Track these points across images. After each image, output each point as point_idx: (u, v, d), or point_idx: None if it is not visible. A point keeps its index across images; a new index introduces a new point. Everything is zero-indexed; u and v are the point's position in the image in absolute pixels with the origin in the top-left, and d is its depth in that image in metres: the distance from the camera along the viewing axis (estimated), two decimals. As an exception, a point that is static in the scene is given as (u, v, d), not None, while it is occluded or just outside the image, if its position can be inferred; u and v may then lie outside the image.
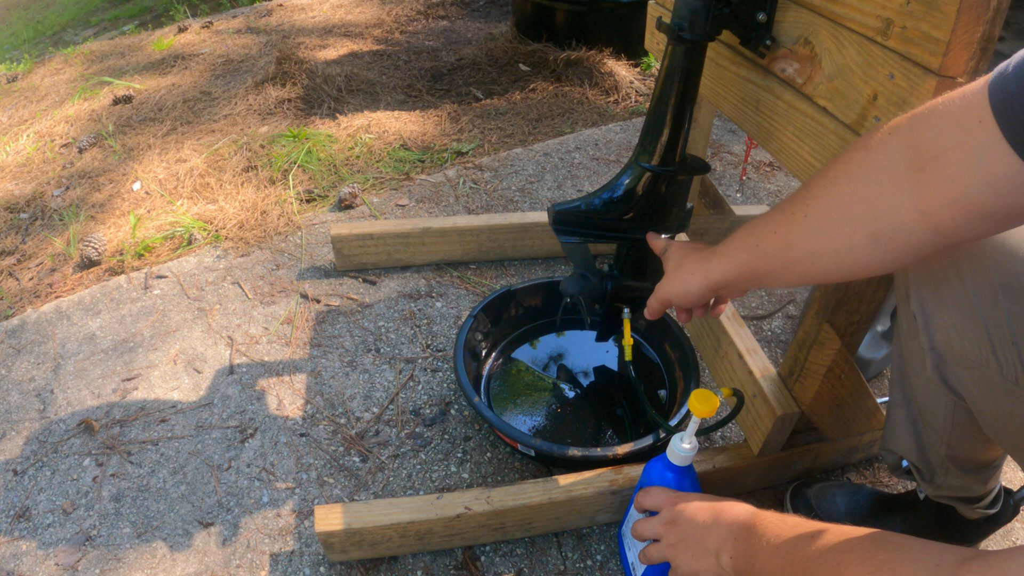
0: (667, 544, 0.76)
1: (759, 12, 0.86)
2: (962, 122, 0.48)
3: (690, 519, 0.75)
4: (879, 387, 1.30)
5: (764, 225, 0.67)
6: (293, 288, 1.50)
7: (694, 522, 0.74)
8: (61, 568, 1.00)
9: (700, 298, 0.77)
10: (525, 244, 1.55)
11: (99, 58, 3.09)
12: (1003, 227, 0.51)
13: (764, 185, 1.92)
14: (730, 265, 0.72)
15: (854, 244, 0.57)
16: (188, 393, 1.26)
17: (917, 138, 0.52)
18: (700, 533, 0.72)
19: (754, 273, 0.69)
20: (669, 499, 0.79)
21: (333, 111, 2.27)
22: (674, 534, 0.75)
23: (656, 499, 0.81)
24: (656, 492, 0.82)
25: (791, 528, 0.61)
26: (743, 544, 0.66)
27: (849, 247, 0.58)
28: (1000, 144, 0.46)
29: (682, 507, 0.76)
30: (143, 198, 1.84)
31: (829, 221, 0.59)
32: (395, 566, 0.99)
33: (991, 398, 0.64)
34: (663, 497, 0.80)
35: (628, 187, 0.91)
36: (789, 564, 0.58)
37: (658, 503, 0.80)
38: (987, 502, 0.88)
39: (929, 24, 0.61)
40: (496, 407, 1.19)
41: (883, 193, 0.54)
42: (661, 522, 0.78)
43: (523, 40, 2.67)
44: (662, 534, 0.77)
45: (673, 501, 0.78)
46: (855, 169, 0.57)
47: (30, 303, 1.52)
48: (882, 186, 0.54)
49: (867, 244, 0.57)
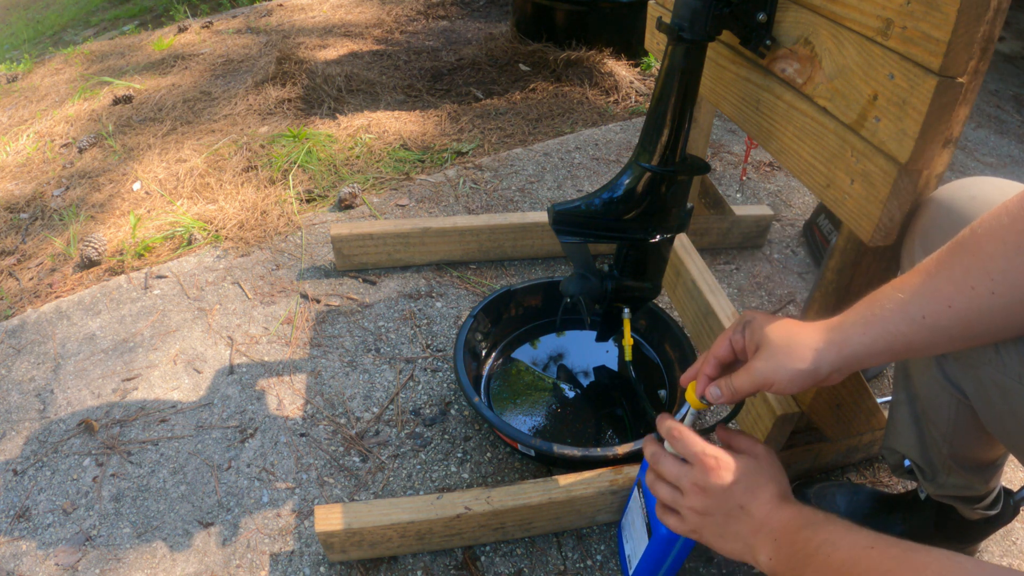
0: (690, 507, 0.68)
1: (759, 12, 0.86)
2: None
3: (722, 493, 0.66)
4: (879, 387, 1.30)
5: (927, 296, 0.59)
6: (293, 288, 1.50)
7: (727, 499, 0.65)
8: (61, 568, 1.00)
9: (815, 380, 0.63)
10: (525, 244, 1.55)
11: (99, 58, 3.08)
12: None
13: (764, 185, 1.92)
14: (878, 337, 0.60)
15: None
16: (188, 393, 1.26)
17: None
18: (732, 515, 0.65)
19: (910, 347, 0.60)
20: (704, 457, 0.68)
21: (333, 111, 2.27)
22: (700, 501, 0.67)
23: (689, 447, 0.69)
24: (689, 438, 0.70)
25: (863, 550, 0.53)
26: (787, 549, 0.60)
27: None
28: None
29: (716, 478, 0.66)
30: (143, 198, 1.84)
31: (1022, 297, 0.55)
32: (395, 566, 0.99)
33: (994, 396, 0.64)
34: (697, 449, 0.68)
35: (628, 187, 0.91)
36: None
37: (691, 452, 0.69)
38: (988, 502, 0.88)
39: (929, 24, 0.61)
40: (496, 407, 1.19)
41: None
42: (690, 479, 0.68)
43: (523, 40, 2.67)
44: (687, 491, 0.68)
45: (709, 462, 0.67)
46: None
47: (30, 303, 1.52)
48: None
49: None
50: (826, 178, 0.80)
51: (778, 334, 0.66)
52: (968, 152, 2.19)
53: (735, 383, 0.68)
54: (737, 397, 0.68)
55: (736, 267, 1.59)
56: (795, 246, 1.67)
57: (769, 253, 1.64)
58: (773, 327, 0.67)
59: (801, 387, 0.64)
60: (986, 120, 2.42)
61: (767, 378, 0.65)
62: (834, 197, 0.78)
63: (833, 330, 0.63)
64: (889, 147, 0.68)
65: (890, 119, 0.68)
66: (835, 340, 0.62)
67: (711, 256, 1.61)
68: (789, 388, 0.64)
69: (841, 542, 0.55)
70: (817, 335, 0.63)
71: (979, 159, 2.15)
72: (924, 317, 0.58)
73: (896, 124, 0.67)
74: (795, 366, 0.63)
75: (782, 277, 1.57)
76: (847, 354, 0.62)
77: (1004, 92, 2.67)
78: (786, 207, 1.83)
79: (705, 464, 0.67)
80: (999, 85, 2.72)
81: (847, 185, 0.76)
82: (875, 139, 0.70)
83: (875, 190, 0.71)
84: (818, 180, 0.81)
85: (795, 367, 0.63)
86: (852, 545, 0.54)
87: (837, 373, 0.64)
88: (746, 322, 0.70)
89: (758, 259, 1.62)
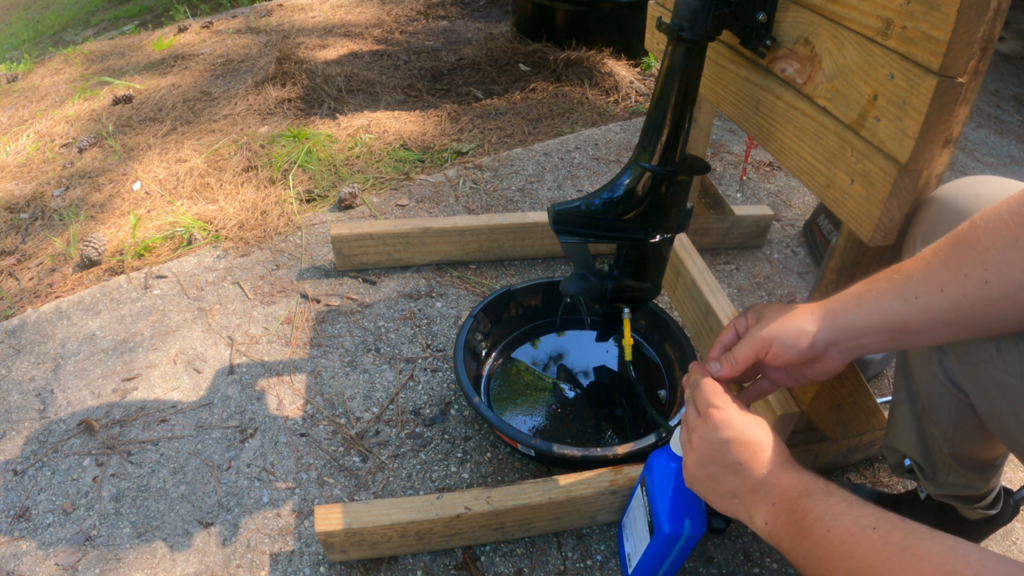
0: (692, 457, 0.67)
1: (759, 12, 0.86)
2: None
3: (721, 446, 0.64)
4: (879, 387, 1.30)
5: (920, 279, 0.59)
6: (293, 288, 1.50)
7: (726, 454, 0.64)
8: (61, 568, 1.00)
9: (812, 348, 0.64)
10: (525, 244, 1.55)
11: (99, 58, 3.08)
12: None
13: (764, 185, 1.92)
14: (872, 312, 0.61)
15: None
16: (188, 393, 1.26)
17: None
18: (730, 469, 0.63)
19: (904, 327, 0.60)
20: (709, 408, 0.67)
21: (333, 111, 2.27)
22: (700, 453, 0.66)
23: (699, 397, 0.69)
24: (703, 388, 0.69)
25: (865, 530, 0.52)
26: (784, 516, 0.58)
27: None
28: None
29: (718, 430, 0.65)
30: (143, 198, 1.84)
31: (1016, 288, 0.55)
32: (395, 566, 0.99)
33: (995, 395, 0.64)
34: (705, 400, 0.68)
35: (628, 187, 0.91)
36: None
37: (700, 402, 0.68)
38: (988, 502, 0.89)
39: (929, 24, 0.61)
40: (496, 407, 1.19)
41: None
42: (697, 431, 0.67)
43: (523, 40, 2.67)
44: (693, 442, 0.67)
45: (713, 414, 0.66)
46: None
47: (30, 303, 1.52)
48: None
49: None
50: (826, 178, 0.80)
51: (778, 307, 0.69)
52: (968, 152, 2.19)
53: (734, 352, 0.69)
54: (737, 368, 0.69)
55: (736, 267, 1.59)
56: (795, 246, 1.67)
57: (769, 253, 1.64)
58: (775, 304, 0.70)
59: (798, 355, 0.65)
60: (986, 120, 2.43)
61: (764, 341, 0.66)
62: (834, 197, 0.78)
63: (831, 301, 0.65)
64: (889, 147, 0.68)
65: (890, 119, 0.68)
66: (831, 308, 0.64)
67: (711, 256, 1.61)
68: (786, 352, 0.65)
69: (843, 518, 0.54)
70: (816, 306, 0.66)
71: (979, 159, 2.15)
72: (917, 298, 0.59)
73: (896, 124, 0.67)
74: (793, 327, 0.65)
75: (782, 277, 1.57)
76: (842, 322, 0.63)
77: (1004, 92, 2.67)
78: (786, 207, 1.83)
79: (710, 416, 0.66)
80: (999, 85, 2.72)
81: (847, 185, 0.76)
82: (875, 139, 0.70)
83: (875, 190, 0.71)
84: (818, 180, 0.81)
85: (792, 328, 0.65)
86: (853, 523, 0.53)
87: (835, 348, 0.65)
88: (752, 307, 0.73)
89: (758, 259, 1.62)
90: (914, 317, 0.60)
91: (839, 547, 0.52)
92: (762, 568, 1.00)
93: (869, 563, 0.50)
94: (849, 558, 0.51)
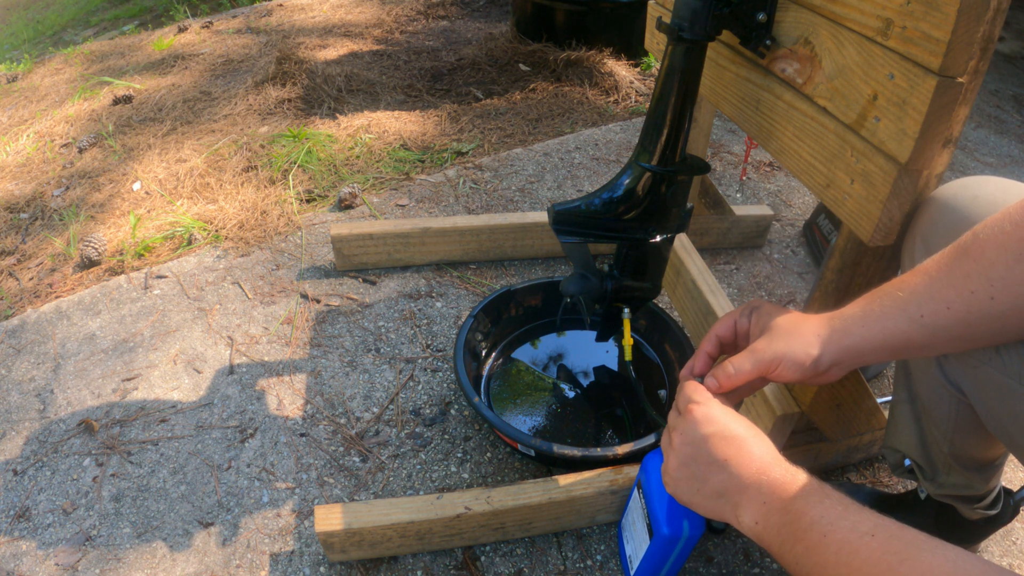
0: (673, 460, 0.65)
1: (759, 12, 0.86)
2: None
3: (703, 442, 0.62)
4: (879, 387, 1.30)
5: (925, 296, 0.59)
6: (293, 288, 1.50)
7: (709, 451, 0.61)
8: (61, 568, 1.00)
9: (816, 367, 0.63)
10: (525, 244, 1.55)
11: (99, 58, 3.08)
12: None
13: (764, 185, 1.92)
14: (877, 333, 0.61)
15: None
16: (188, 393, 1.26)
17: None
18: (714, 467, 0.61)
19: (909, 345, 0.60)
20: (690, 404, 0.65)
21: (333, 111, 2.27)
22: (680, 453, 0.64)
23: (681, 395, 0.68)
24: (685, 388, 0.67)
25: (863, 536, 0.50)
26: (777, 517, 0.56)
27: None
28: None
29: (698, 426, 0.63)
30: (143, 198, 1.84)
31: (1023, 303, 0.55)
32: (395, 566, 0.99)
33: (994, 396, 0.64)
34: (685, 397, 0.66)
35: (628, 187, 0.91)
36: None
37: (681, 399, 0.67)
38: (987, 502, 0.88)
39: (929, 24, 0.61)
40: (496, 407, 1.19)
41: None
42: (677, 429, 0.65)
43: (523, 40, 2.67)
44: (673, 443, 0.65)
45: (693, 410, 0.64)
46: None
47: (30, 303, 1.52)
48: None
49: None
50: (826, 178, 0.80)
51: (784, 320, 0.66)
52: (968, 152, 2.19)
53: (736, 363, 0.66)
54: (735, 381, 0.66)
55: (736, 267, 1.59)
56: (795, 246, 1.67)
57: (769, 253, 1.64)
58: (780, 315, 0.68)
59: (802, 375, 0.63)
60: (986, 120, 2.43)
61: (771, 361, 0.64)
62: (834, 197, 0.78)
63: (835, 319, 0.63)
64: (889, 147, 0.68)
65: (890, 119, 0.68)
66: (837, 328, 0.63)
67: (711, 256, 1.61)
68: (790, 373, 0.64)
69: (840, 523, 0.52)
70: (821, 323, 0.64)
71: (979, 159, 2.15)
72: (922, 316, 0.59)
73: (896, 124, 0.67)
74: (799, 350, 0.63)
75: (782, 277, 1.57)
76: (847, 344, 0.62)
77: (1004, 92, 2.67)
78: (786, 207, 1.83)
79: (690, 412, 0.64)
80: (999, 85, 2.72)
81: (847, 185, 0.76)
82: (875, 139, 0.70)
83: (875, 190, 0.71)
84: (818, 180, 0.81)
85: (799, 350, 0.63)
86: (851, 529, 0.51)
87: (837, 367, 0.63)
88: (754, 308, 0.71)
89: (758, 259, 1.62)
90: (919, 335, 0.59)
91: (835, 554, 0.50)
92: (762, 568, 1.00)
93: (867, 573, 0.48)
94: (846, 567, 0.49)
